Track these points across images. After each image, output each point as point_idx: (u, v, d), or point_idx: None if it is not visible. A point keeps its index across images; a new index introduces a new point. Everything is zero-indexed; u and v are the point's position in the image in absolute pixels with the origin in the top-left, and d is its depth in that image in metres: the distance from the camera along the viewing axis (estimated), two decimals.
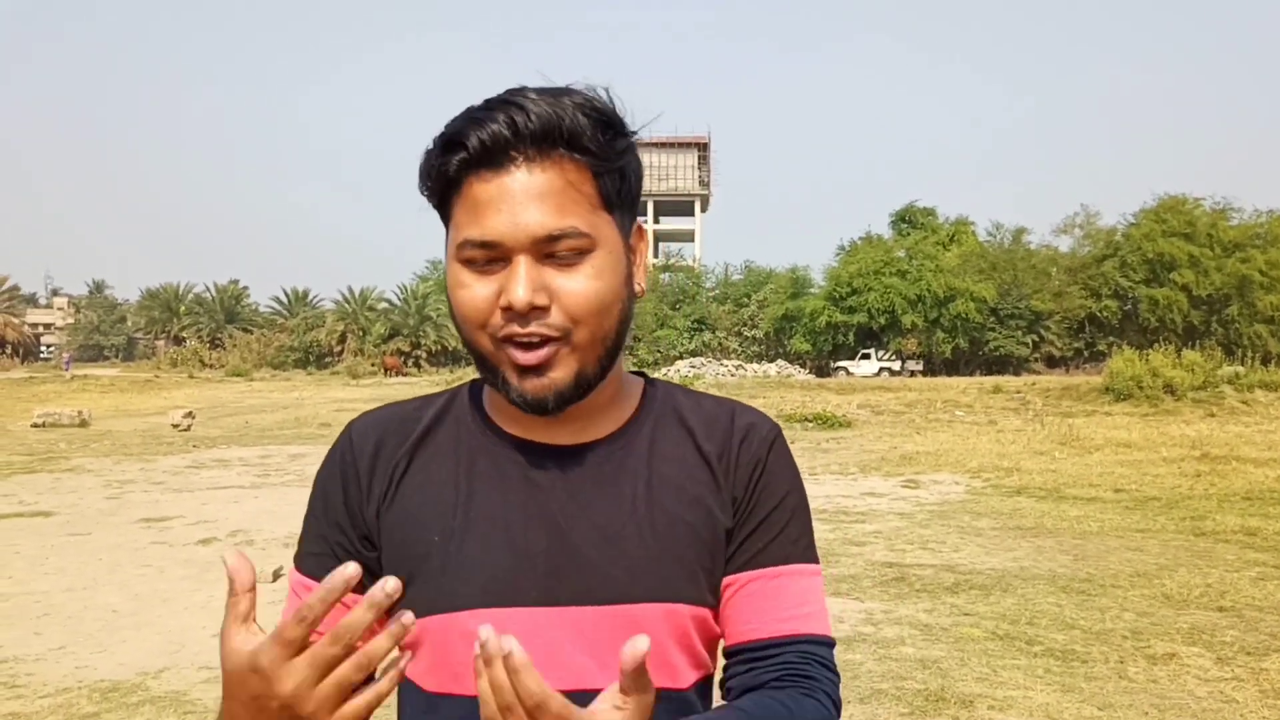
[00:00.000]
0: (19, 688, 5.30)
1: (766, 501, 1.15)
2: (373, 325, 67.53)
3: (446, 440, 1.14)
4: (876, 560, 8.39)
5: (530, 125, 0.99)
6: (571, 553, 1.07)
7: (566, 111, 1.00)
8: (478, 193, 1.01)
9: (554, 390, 1.04)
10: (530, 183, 1.00)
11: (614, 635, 1.04)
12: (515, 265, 1.00)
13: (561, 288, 1.02)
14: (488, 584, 1.06)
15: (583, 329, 1.03)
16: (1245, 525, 9.80)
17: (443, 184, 1.04)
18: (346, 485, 1.13)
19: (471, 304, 1.03)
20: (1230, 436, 18.53)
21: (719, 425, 1.17)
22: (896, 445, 18.63)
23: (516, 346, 1.02)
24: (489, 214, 1.00)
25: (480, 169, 1.01)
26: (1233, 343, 50.99)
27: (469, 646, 0.97)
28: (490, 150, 1.00)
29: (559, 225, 1.00)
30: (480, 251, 1.01)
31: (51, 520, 10.56)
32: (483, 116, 1.01)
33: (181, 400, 32.95)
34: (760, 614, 1.12)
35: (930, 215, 64.59)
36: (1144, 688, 5.18)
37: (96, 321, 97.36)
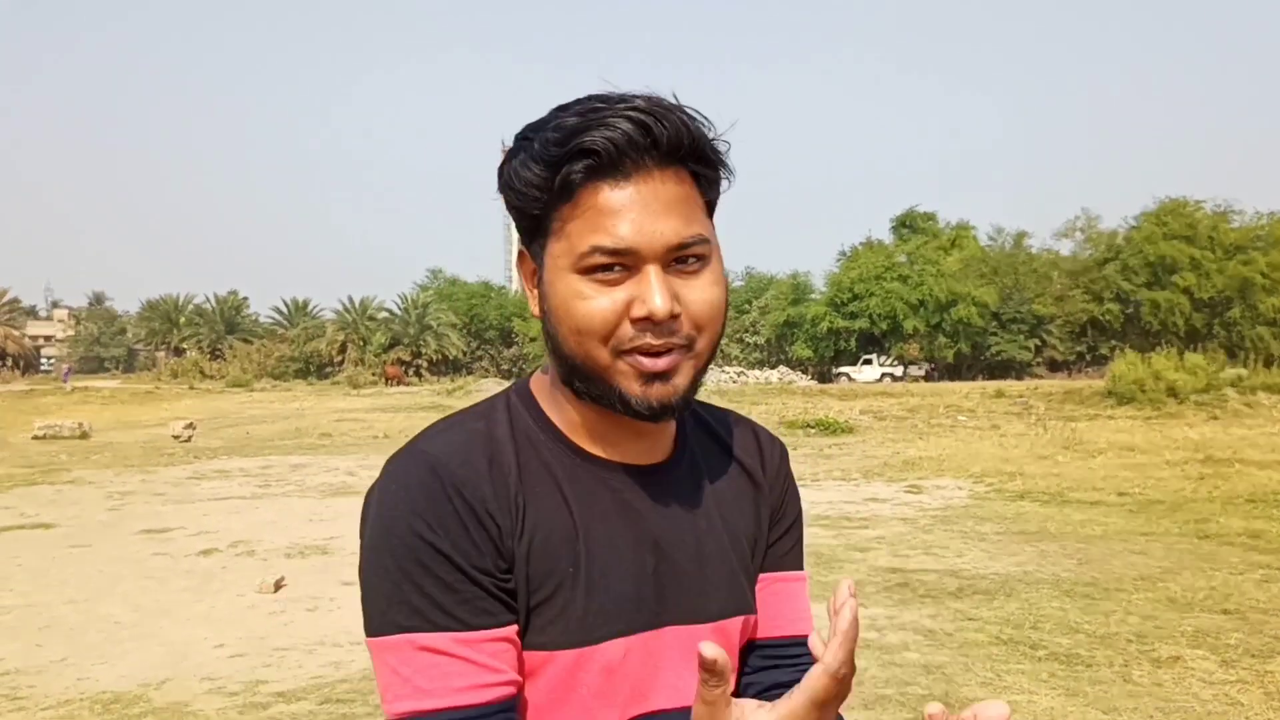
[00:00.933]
0: (21, 699, 5.28)
1: (791, 512, 1.24)
2: (373, 335, 67.53)
3: (537, 463, 1.07)
4: (880, 566, 8.38)
5: (665, 133, 0.98)
6: (675, 574, 1.08)
7: (689, 123, 1.00)
8: (606, 200, 0.98)
9: (677, 396, 1.02)
10: (661, 192, 0.99)
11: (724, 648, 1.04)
12: (647, 274, 0.98)
13: (688, 296, 1.01)
14: (617, 614, 1.04)
15: (704, 337, 1.03)
16: (1249, 528, 9.77)
17: (554, 191, 0.99)
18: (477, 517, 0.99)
19: (598, 315, 0.99)
20: (1233, 439, 18.49)
21: (748, 440, 1.23)
22: (899, 451, 18.61)
23: (643, 354, 1.00)
24: (619, 222, 0.97)
25: (609, 177, 0.98)
26: (1235, 345, 50.98)
27: (601, 678, 1.02)
28: (621, 157, 0.97)
29: (690, 233, 1.00)
30: (609, 259, 0.98)
31: (53, 532, 10.55)
32: (612, 121, 0.97)
33: (182, 411, 32.93)
34: (785, 614, 1.19)
35: (931, 220, 64.61)
36: (1149, 691, 5.16)
37: (97, 333, 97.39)
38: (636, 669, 1.04)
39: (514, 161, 1.02)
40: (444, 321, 68.52)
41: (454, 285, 75.65)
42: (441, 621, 0.96)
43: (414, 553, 0.97)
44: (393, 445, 22.44)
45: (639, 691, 1.04)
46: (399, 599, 0.97)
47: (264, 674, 5.70)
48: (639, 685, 1.04)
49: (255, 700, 5.22)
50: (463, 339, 69.58)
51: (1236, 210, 56.81)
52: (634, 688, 1.04)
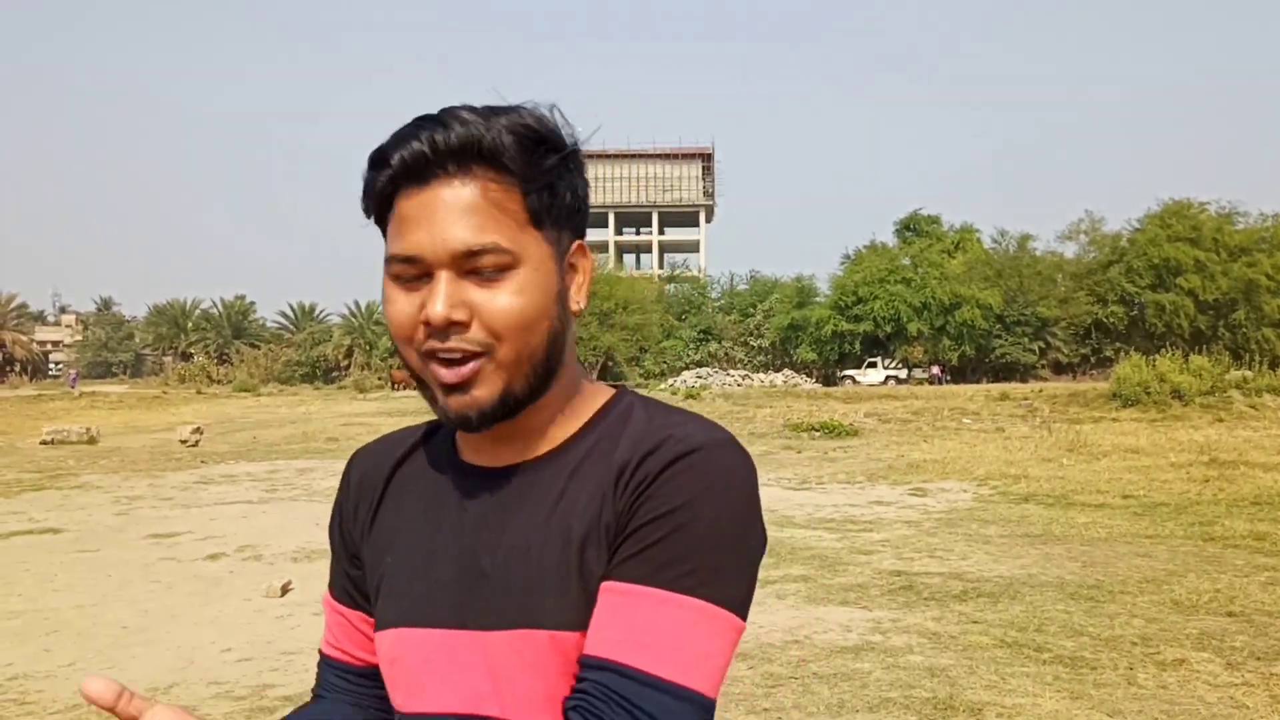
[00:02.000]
0: (29, 704, 5.31)
1: (643, 515, 1.00)
2: (379, 339, 67.63)
3: (418, 464, 1.18)
4: (884, 569, 8.39)
5: (450, 142, 1.00)
6: (479, 576, 1.05)
7: (489, 129, 1.01)
8: (403, 209, 1.02)
9: (477, 408, 1.02)
10: (452, 198, 1.00)
11: (510, 660, 1.02)
12: (435, 281, 1.00)
13: (482, 304, 1.00)
14: (407, 607, 1.10)
15: (506, 345, 1.01)
16: (1254, 530, 9.77)
17: (377, 202, 1.05)
18: (343, 513, 1.23)
19: (397, 319, 1.03)
20: (1239, 441, 18.49)
21: (644, 439, 1.05)
22: (903, 453, 18.62)
23: (440, 363, 1.01)
24: (412, 229, 1.01)
25: (406, 185, 1.02)
26: (1240, 347, 50.93)
27: (388, 667, 1.12)
28: (413, 167, 1.01)
29: (479, 241, 0.99)
30: (405, 267, 1.02)
31: (61, 537, 10.59)
32: (408, 134, 1.02)
33: (189, 416, 33.03)
34: (593, 629, 1.01)
35: (935, 223, 64.61)
36: (1153, 694, 5.17)
37: (104, 338, 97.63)
38: (416, 666, 1.07)
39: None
40: None
41: None
42: (331, 589, 1.24)
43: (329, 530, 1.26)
44: None
45: (417, 689, 1.06)
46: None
47: (271, 678, 5.72)
48: (418, 682, 1.06)
49: (262, 704, 5.25)
50: None
51: (1241, 212, 56.78)
52: (413, 683, 1.07)
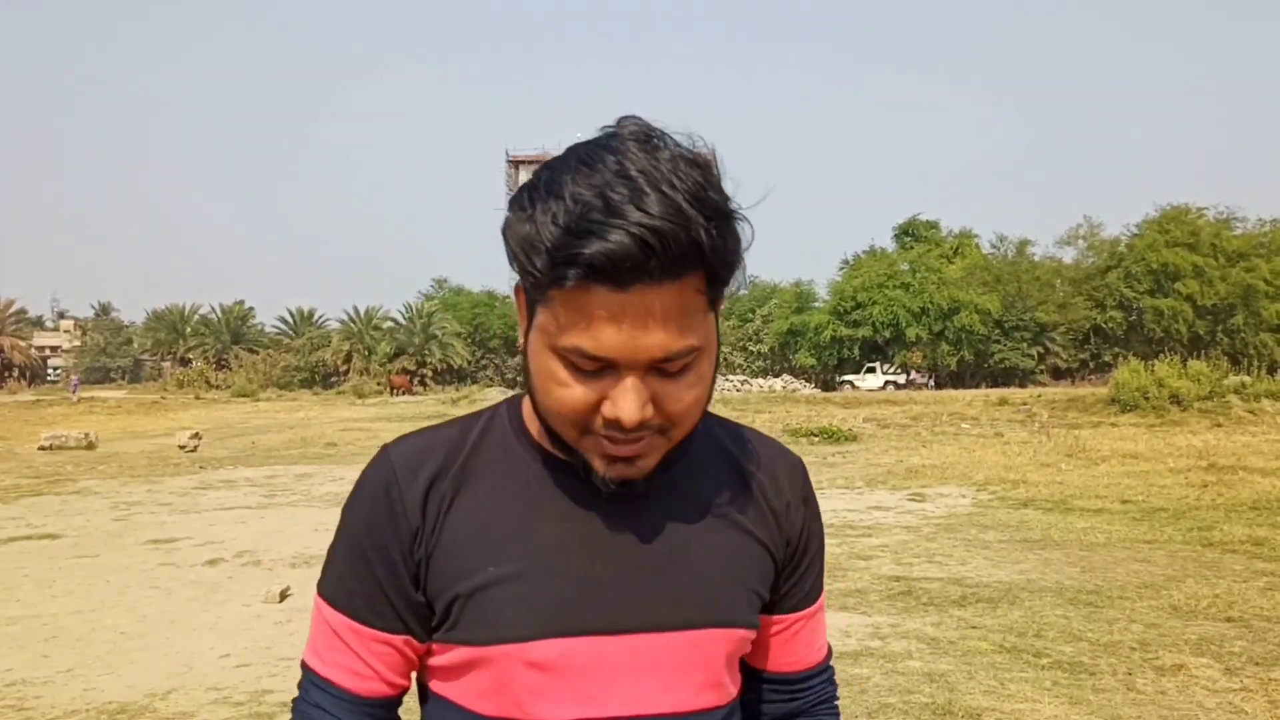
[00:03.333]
0: (28, 710, 5.31)
1: (814, 545, 1.23)
2: (378, 344, 67.65)
3: (495, 466, 1.11)
4: (883, 574, 8.39)
5: (670, 251, 0.90)
6: (638, 581, 1.08)
7: (700, 231, 0.91)
8: (594, 304, 0.93)
9: (641, 475, 1.03)
10: (654, 304, 0.93)
11: (679, 660, 1.08)
12: (625, 381, 0.97)
13: (665, 396, 0.99)
14: (555, 614, 1.05)
15: (678, 429, 1.02)
16: (1253, 535, 9.78)
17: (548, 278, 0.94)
18: (395, 522, 1.08)
19: (569, 404, 0.99)
20: (1237, 446, 18.49)
21: (765, 461, 1.20)
22: (902, 459, 18.62)
23: (609, 441, 1.00)
24: (605, 329, 0.94)
25: (604, 283, 0.92)
26: (1239, 352, 51.01)
27: (535, 675, 1.05)
28: (615, 271, 0.91)
29: (680, 346, 0.96)
30: (589, 362, 0.96)
31: (59, 543, 10.58)
32: (614, 236, 0.89)
33: (188, 421, 33.01)
34: (802, 649, 1.25)
35: (933, 228, 64.71)
36: (1152, 699, 5.17)
37: (103, 344, 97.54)
38: (586, 672, 1.05)
39: (512, 217, 0.97)
40: (449, 331, 68.62)
41: (458, 295, 75.84)
42: (344, 605, 1.10)
43: (346, 542, 1.11)
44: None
45: (591, 694, 1.05)
46: (330, 574, 1.12)
47: (270, 684, 5.72)
48: (589, 689, 1.05)
49: (261, 710, 5.25)
50: (467, 348, 69.66)
51: (1239, 217, 56.93)
52: (583, 690, 1.05)
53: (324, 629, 1.12)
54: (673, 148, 0.95)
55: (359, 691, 1.10)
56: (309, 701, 1.11)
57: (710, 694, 1.10)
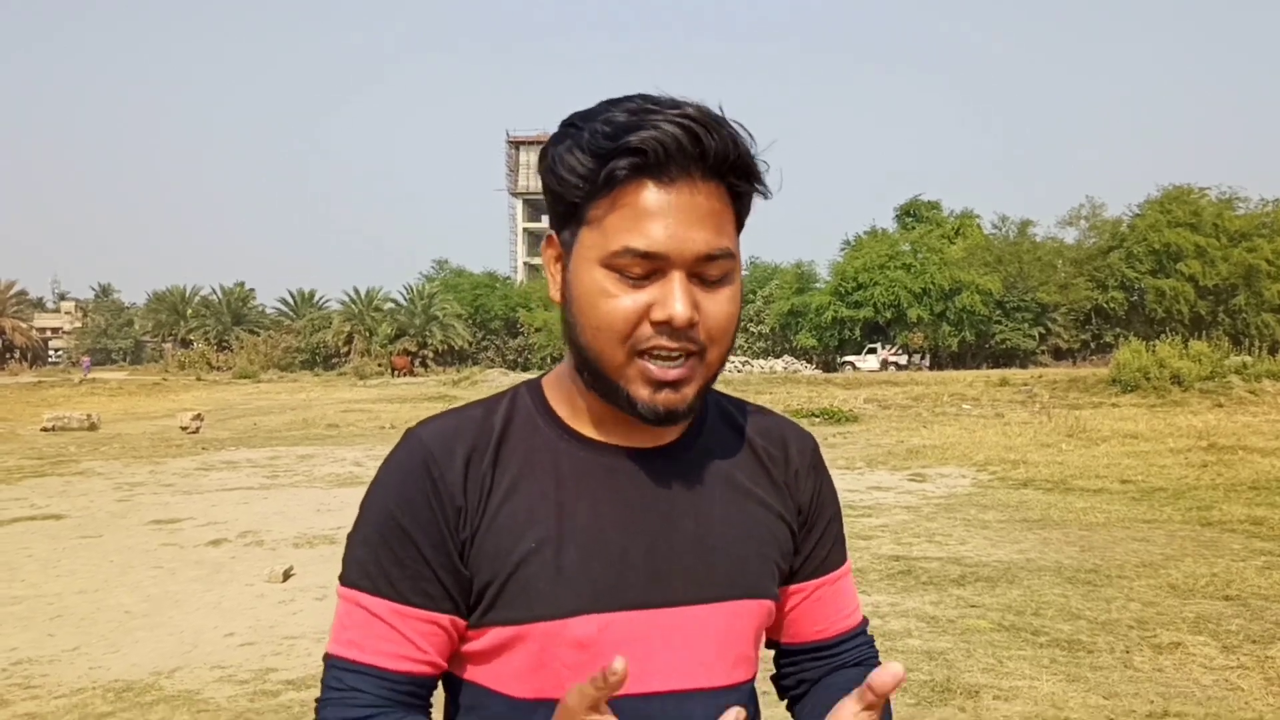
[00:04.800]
0: (34, 688, 5.35)
1: (826, 512, 1.24)
2: (379, 326, 67.60)
3: (525, 447, 1.11)
4: (883, 554, 8.42)
5: (713, 145, 0.98)
6: (671, 556, 1.09)
7: (737, 139, 1.01)
8: (646, 201, 0.99)
9: (685, 404, 1.05)
10: (700, 202, 1.00)
11: (712, 634, 1.10)
12: (672, 280, 1.00)
13: (707, 308, 1.03)
14: (592, 590, 1.06)
15: (715, 349, 1.05)
16: (1252, 515, 9.81)
17: (596, 183, 1.00)
18: (441, 498, 1.07)
19: (620, 313, 1.01)
20: (1238, 426, 18.51)
21: (773, 433, 1.23)
22: (903, 439, 18.66)
23: (656, 360, 1.02)
24: (654, 225, 0.98)
25: (652, 177, 0.99)
26: (1240, 333, 50.95)
27: (574, 652, 1.05)
28: (668, 161, 0.98)
29: (719, 245, 1.01)
30: (638, 262, 0.99)
31: (63, 523, 10.63)
32: (663, 125, 0.97)
33: (190, 403, 33.06)
34: (829, 616, 1.25)
35: (935, 209, 64.52)
36: (1149, 676, 5.21)
37: (104, 325, 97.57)
38: (622, 647, 1.04)
39: (559, 147, 1.03)
40: (450, 312, 68.57)
41: (460, 276, 75.74)
42: (385, 590, 1.07)
43: (381, 526, 1.08)
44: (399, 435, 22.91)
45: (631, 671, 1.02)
46: (359, 561, 1.09)
47: (274, 662, 5.76)
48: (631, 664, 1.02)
49: (265, 688, 5.29)
50: (468, 330, 69.63)
51: (1241, 197, 56.70)
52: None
53: (360, 617, 1.08)
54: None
55: (406, 671, 1.07)
56: (342, 688, 1.07)
57: (741, 668, 1.13)
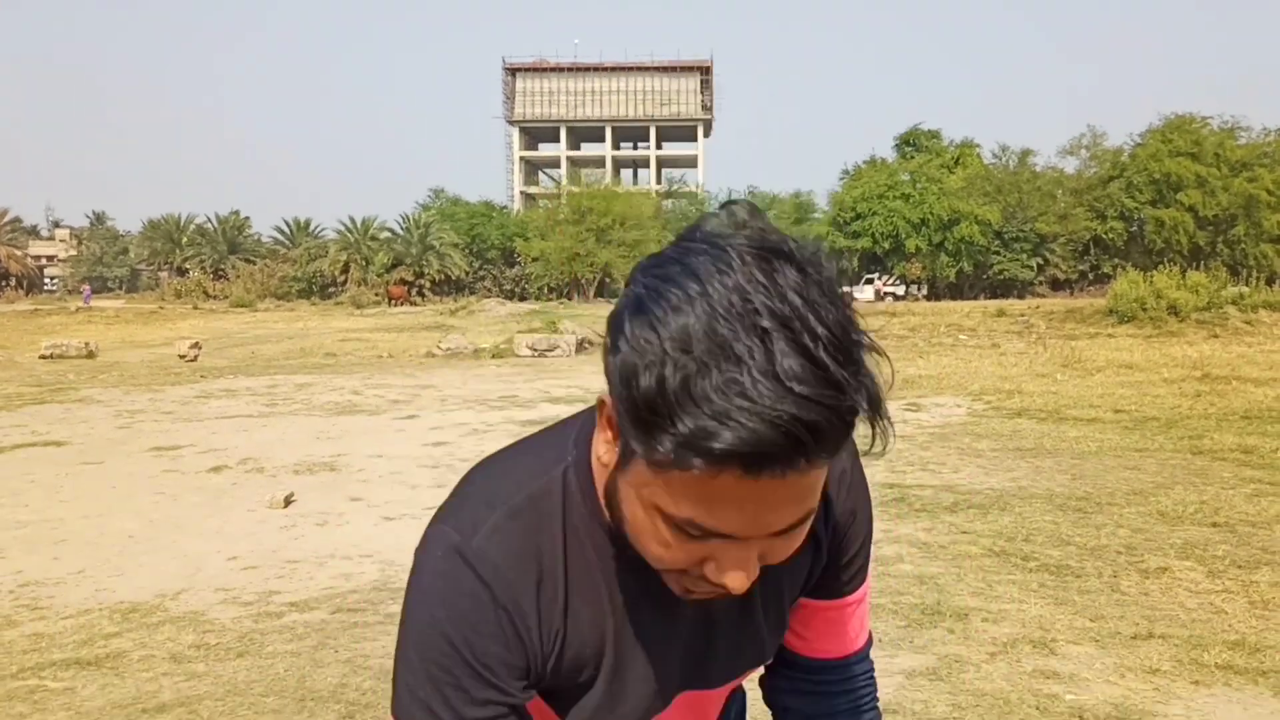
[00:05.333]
0: (41, 609, 5.45)
1: (854, 542, 1.15)
2: (375, 255, 67.44)
3: (584, 565, 1.02)
4: (877, 482, 8.52)
5: (820, 442, 0.79)
6: (704, 656, 1.11)
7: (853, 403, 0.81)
8: (724, 487, 0.81)
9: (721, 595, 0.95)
10: (790, 489, 0.83)
11: (717, 701, 1.18)
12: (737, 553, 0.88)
13: (773, 553, 0.91)
14: (635, 701, 1.07)
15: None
16: (1242, 443, 9.90)
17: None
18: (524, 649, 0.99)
19: (669, 561, 0.91)
20: (1232, 357, 18.60)
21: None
22: (899, 369, 18.46)
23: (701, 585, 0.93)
24: (728, 510, 0.84)
25: (732, 469, 0.79)
26: (1238, 263, 50.97)
27: None
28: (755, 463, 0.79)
29: (802, 514, 0.88)
30: (700, 531, 0.86)
31: (64, 449, 10.71)
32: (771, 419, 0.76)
33: (187, 331, 33.07)
34: (835, 636, 1.20)
35: (935, 138, 64.12)
36: (1135, 600, 5.31)
37: (99, 253, 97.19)
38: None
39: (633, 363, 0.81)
40: (446, 241, 68.39)
41: (456, 205, 75.43)
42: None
43: (444, 657, 0.97)
44: (397, 365, 22.49)
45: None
46: (419, 696, 0.98)
47: (276, 585, 5.86)
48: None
49: (269, 610, 5.39)
50: (465, 259, 69.50)
51: (1244, 126, 56.41)
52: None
53: None
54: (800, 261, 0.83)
55: None
56: None
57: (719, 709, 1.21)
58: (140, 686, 4.35)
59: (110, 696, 4.24)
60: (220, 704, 4.14)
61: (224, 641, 4.92)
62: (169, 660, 4.67)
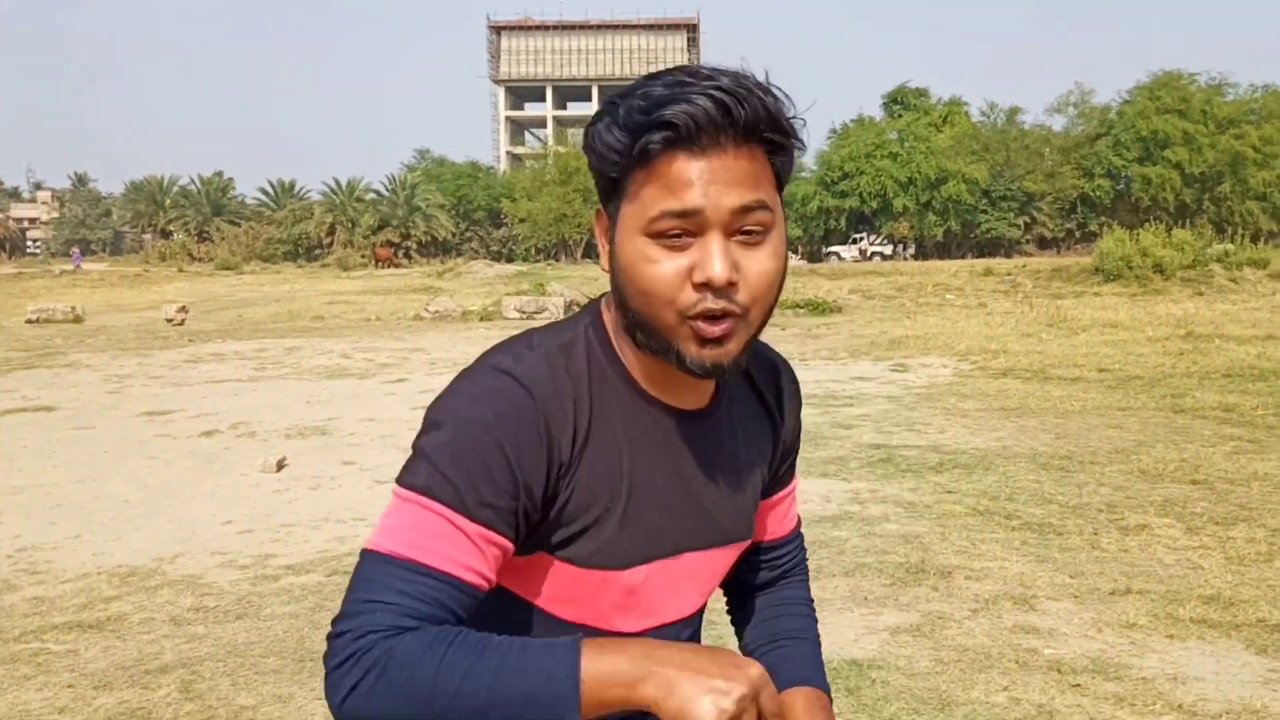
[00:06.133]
0: (40, 574, 5.53)
1: (798, 440, 1.40)
2: (361, 216, 67.10)
3: (602, 401, 1.17)
4: (864, 442, 8.63)
5: (744, 114, 1.03)
6: (700, 510, 1.23)
7: (770, 105, 1.06)
8: (679, 171, 1.04)
9: (729, 360, 1.09)
10: (733, 166, 1.05)
11: (708, 572, 1.28)
12: (710, 240, 1.05)
13: (747, 267, 1.07)
14: (646, 544, 1.19)
15: (758, 307, 1.10)
16: (1223, 402, 10.04)
17: (632, 157, 1.06)
18: (550, 452, 1.11)
19: (663, 279, 1.06)
20: (1216, 315, 18.74)
21: (772, 380, 1.34)
22: (886, 330, 18.83)
23: (704, 319, 1.06)
24: (686, 189, 1.04)
25: (684, 148, 1.04)
26: (1224, 220, 51.10)
27: (622, 596, 1.20)
28: (699, 132, 1.03)
29: (753, 197, 1.05)
30: (675, 222, 1.04)
31: (55, 415, 10.75)
32: (695, 97, 1.03)
33: (173, 294, 32.96)
34: (779, 520, 1.42)
35: (923, 96, 63.83)
36: (1115, 557, 5.44)
37: (81, 215, 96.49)
38: (655, 589, 1.21)
39: (599, 125, 1.09)
40: (432, 203, 68.05)
41: (442, 166, 74.97)
42: (471, 510, 1.05)
43: (482, 451, 1.06)
44: (385, 328, 22.38)
45: (655, 607, 1.22)
46: (447, 477, 1.05)
47: (272, 548, 5.94)
48: (656, 602, 1.22)
49: (266, 573, 5.47)
50: (451, 220, 69.19)
51: (1231, 83, 56.33)
52: (651, 604, 1.22)
53: (431, 523, 1.05)
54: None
55: (467, 580, 1.05)
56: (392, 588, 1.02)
57: (705, 599, 1.30)
58: (142, 648, 4.43)
59: (113, 658, 4.33)
60: (221, 665, 4.23)
61: (222, 604, 5.01)
62: (169, 623, 4.76)
